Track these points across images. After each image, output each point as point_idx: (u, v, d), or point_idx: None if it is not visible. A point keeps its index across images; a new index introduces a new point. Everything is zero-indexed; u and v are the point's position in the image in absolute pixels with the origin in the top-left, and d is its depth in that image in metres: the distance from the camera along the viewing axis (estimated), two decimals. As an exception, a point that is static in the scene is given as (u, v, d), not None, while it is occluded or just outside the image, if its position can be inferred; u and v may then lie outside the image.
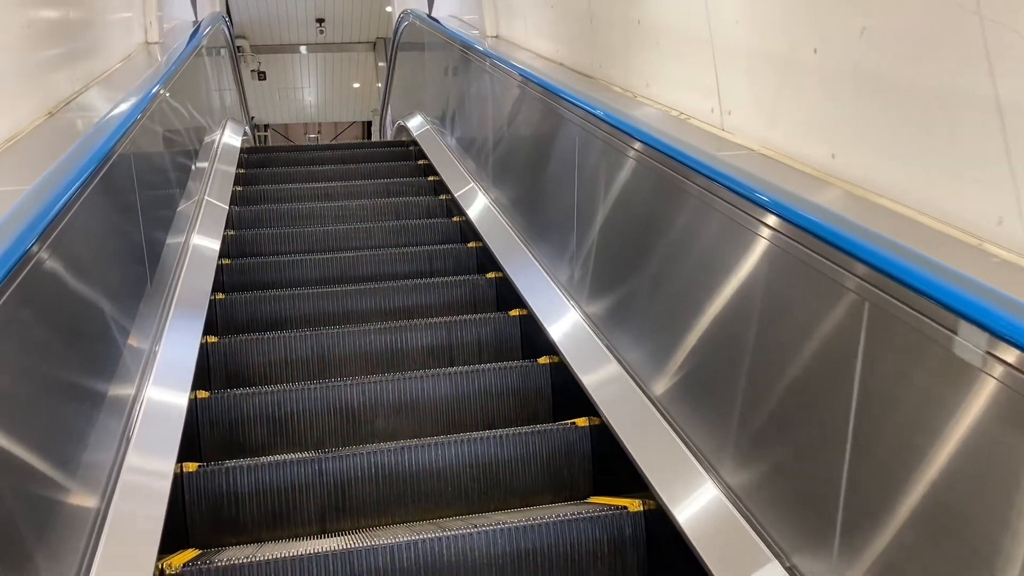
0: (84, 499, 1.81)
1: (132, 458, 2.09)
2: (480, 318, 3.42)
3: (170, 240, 3.21)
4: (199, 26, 5.68)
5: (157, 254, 2.94)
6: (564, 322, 3.04)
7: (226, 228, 4.15)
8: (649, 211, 2.56)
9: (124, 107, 2.82)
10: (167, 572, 2.02)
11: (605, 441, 2.53)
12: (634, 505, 2.26)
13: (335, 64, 15.18)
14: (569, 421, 2.65)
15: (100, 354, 2.12)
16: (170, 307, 2.90)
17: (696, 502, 2.09)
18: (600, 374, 2.68)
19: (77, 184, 2.00)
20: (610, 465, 2.54)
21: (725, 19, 2.65)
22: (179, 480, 2.34)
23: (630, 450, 2.34)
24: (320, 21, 13.24)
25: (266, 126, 18.32)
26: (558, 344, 2.94)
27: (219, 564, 2.06)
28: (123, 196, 2.60)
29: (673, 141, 2.39)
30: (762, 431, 1.92)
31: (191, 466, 2.39)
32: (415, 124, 6.61)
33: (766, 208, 1.88)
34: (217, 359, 3.14)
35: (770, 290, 1.91)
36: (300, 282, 3.87)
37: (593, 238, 2.94)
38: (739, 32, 2.58)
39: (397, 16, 8.17)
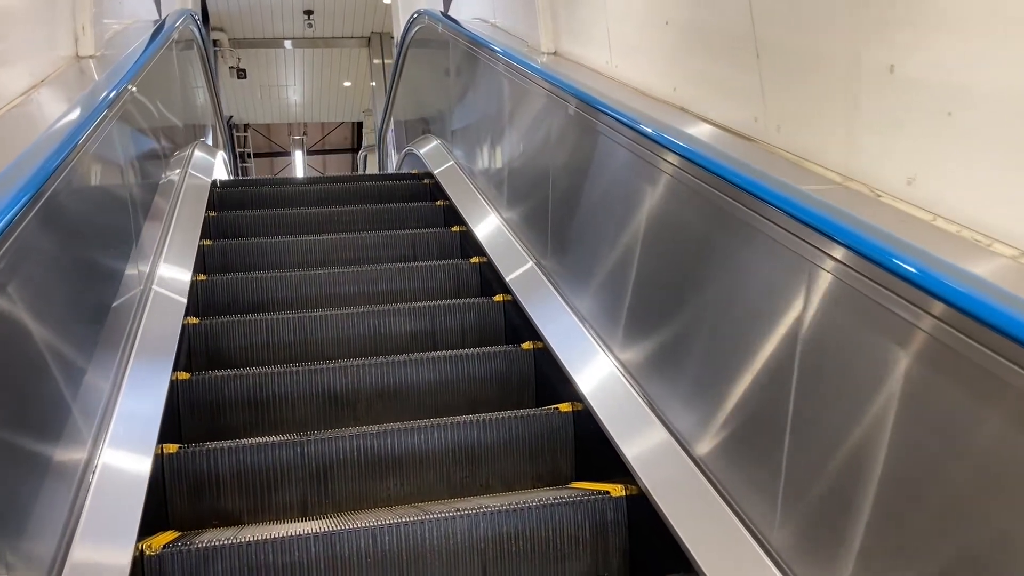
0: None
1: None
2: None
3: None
4: (158, 30, 4.23)
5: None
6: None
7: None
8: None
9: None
10: (147, 553, 2.01)
11: (588, 426, 2.53)
12: (616, 490, 2.27)
13: (324, 60, 14.50)
14: (552, 406, 2.66)
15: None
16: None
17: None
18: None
19: None
20: (593, 450, 2.54)
21: None
22: (159, 461, 2.33)
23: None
24: (308, 13, 12.30)
25: (246, 126, 17.63)
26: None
27: (199, 546, 2.05)
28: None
29: None
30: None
31: (171, 447, 2.38)
32: (431, 154, 5.37)
33: None
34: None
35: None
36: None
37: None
38: None
39: (407, 16, 6.46)
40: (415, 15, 6.07)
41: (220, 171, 5.54)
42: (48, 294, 1.87)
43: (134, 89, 3.10)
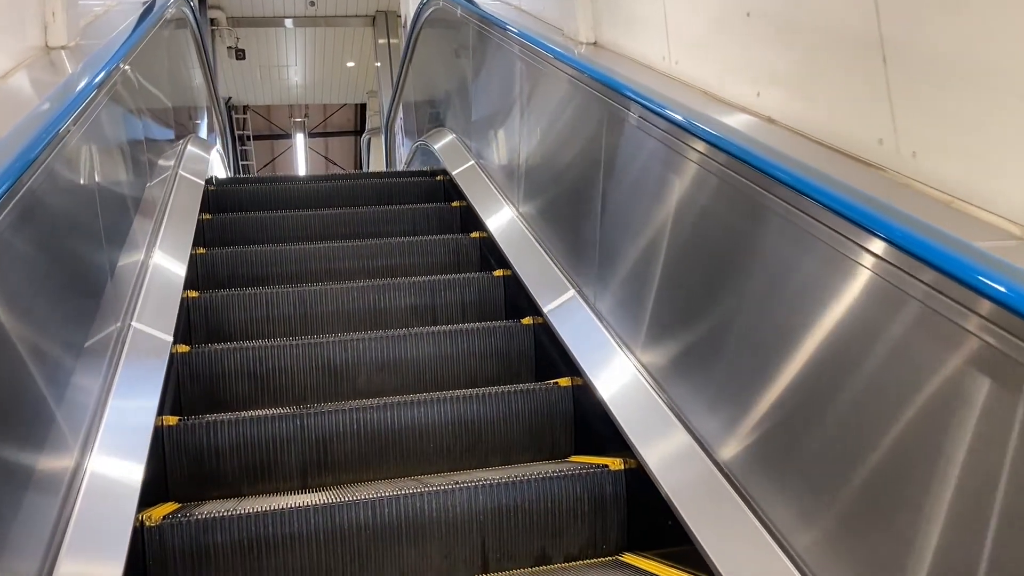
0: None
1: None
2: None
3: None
4: (146, 13, 3.73)
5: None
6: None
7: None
8: None
9: None
10: (147, 524, 2.02)
11: (586, 401, 2.54)
12: (615, 464, 2.27)
13: (326, 40, 14.17)
14: (552, 381, 2.66)
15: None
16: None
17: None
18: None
19: None
20: (591, 424, 2.55)
21: None
22: (159, 433, 2.33)
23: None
24: (310, -10, 12.26)
25: (245, 108, 17.28)
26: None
27: (199, 517, 2.06)
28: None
29: None
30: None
31: (171, 420, 2.39)
32: (447, 151, 4.79)
33: None
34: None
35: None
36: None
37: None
38: None
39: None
40: (431, -6, 5.46)
41: (217, 168, 5.28)
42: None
43: (119, 80, 2.81)
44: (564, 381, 2.64)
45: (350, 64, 15.31)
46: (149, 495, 2.12)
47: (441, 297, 3.30)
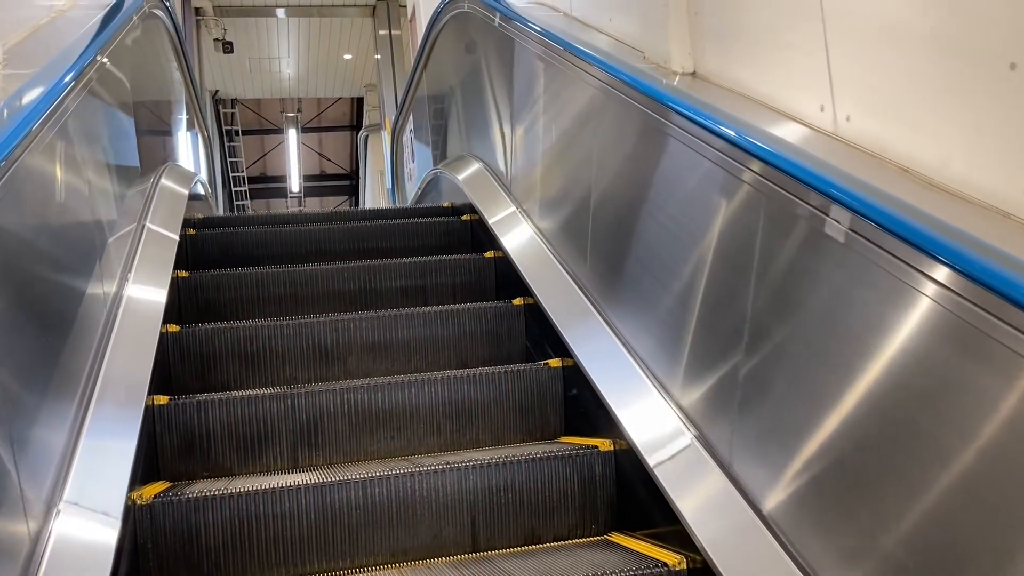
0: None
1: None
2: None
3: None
4: (109, 18, 3.00)
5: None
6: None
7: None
8: None
9: None
10: (138, 503, 2.03)
11: (577, 382, 2.55)
12: (605, 445, 2.29)
13: (322, 31, 13.62)
14: (542, 362, 2.67)
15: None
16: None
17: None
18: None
19: None
20: (582, 405, 2.56)
21: None
22: (150, 412, 2.33)
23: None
24: (303, -22, 11.66)
25: (233, 102, 16.96)
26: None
27: (190, 496, 2.07)
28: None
29: None
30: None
31: (162, 399, 2.39)
32: (476, 186, 4.04)
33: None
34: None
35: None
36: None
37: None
38: None
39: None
40: (456, -7, 4.54)
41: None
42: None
43: (54, 129, 2.03)
44: (554, 362, 2.65)
45: (347, 56, 14.70)
46: (140, 474, 2.13)
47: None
